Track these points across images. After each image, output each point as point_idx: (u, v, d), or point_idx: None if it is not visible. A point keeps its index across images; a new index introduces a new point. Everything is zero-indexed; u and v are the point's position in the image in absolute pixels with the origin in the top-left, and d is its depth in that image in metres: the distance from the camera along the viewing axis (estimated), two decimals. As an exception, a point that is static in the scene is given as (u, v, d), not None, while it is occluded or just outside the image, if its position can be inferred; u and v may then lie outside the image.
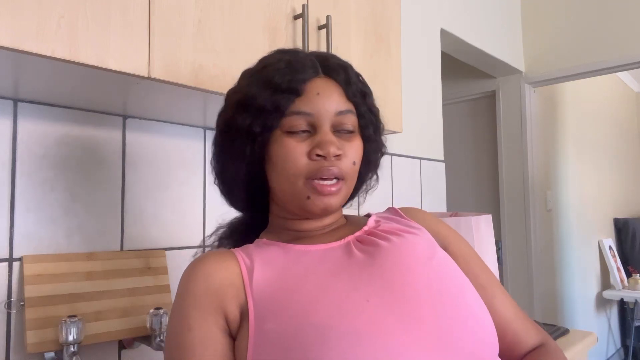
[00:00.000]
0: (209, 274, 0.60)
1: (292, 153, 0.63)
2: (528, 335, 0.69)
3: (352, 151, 0.66)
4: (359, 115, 0.69)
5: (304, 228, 0.69)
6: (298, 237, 0.69)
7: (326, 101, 0.65)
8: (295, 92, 0.64)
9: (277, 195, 0.69)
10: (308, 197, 0.63)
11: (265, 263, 0.62)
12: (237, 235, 0.78)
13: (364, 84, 0.71)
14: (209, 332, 0.57)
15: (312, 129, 0.64)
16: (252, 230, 0.76)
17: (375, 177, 0.78)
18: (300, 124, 0.64)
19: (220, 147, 0.70)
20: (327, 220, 0.70)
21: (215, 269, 0.61)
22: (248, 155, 0.66)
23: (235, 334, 0.59)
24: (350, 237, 0.67)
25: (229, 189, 0.72)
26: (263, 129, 0.64)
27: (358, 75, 0.71)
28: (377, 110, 0.74)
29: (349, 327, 0.53)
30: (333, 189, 0.64)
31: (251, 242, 0.71)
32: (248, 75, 0.70)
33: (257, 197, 0.72)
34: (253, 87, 0.66)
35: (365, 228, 0.69)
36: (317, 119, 0.64)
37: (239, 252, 0.65)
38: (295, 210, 0.67)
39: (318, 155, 0.63)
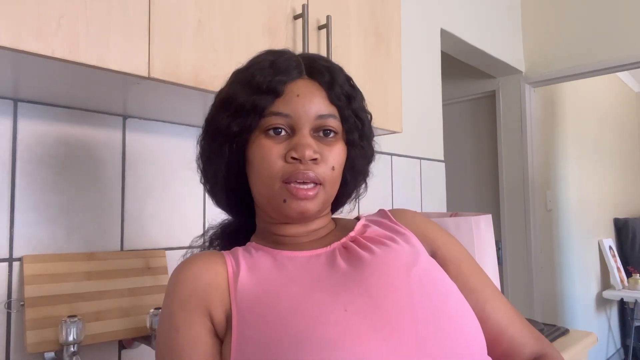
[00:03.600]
0: (195, 275, 0.60)
1: (268, 155, 0.62)
2: (525, 342, 0.66)
3: (332, 156, 0.64)
4: (343, 120, 0.66)
5: (288, 233, 0.68)
6: (285, 242, 0.67)
7: (306, 103, 0.63)
8: (274, 92, 0.63)
9: (257, 198, 0.68)
10: (284, 201, 0.62)
11: (251, 268, 0.62)
12: (227, 236, 0.77)
13: (353, 87, 0.69)
14: (196, 334, 0.57)
15: (292, 132, 0.63)
16: (243, 232, 0.75)
17: (364, 185, 0.75)
18: (279, 125, 0.62)
19: (202, 146, 0.70)
20: (313, 226, 0.68)
21: (203, 271, 0.60)
22: (227, 155, 0.65)
23: (222, 337, 0.59)
24: (337, 244, 0.66)
25: (212, 189, 0.72)
26: (241, 129, 0.63)
27: (348, 78, 0.69)
28: (367, 116, 0.72)
29: (325, 337, 0.52)
30: (310, 193, 0.62)
31: (242, 244, 0.70)
32: (233, 75, 0.69)
33: (238, 200, 0.71)
34: (235, 87, 0.66)
35: (352, 234, 0.68)
36: (295, 121, 0.63)
37: (228, 255, 0.64)
38: (273, 214, 0.66)
39: (293, 158, 0.61)
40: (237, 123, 0.63)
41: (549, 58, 2.72)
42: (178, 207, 1.17)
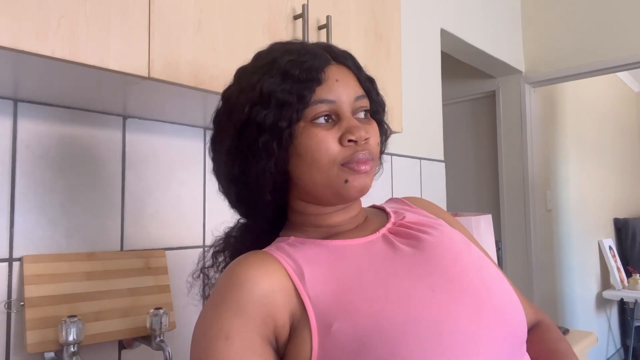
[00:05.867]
0: (253, 280, 0.57)
1: (323, 142, 0.61)
2: (526, 313, 0.72)
3: (373, 133, 0.66)
4: (370, 100, 0.69)
5: (333, 222, 0.68)
6: (328, 233, 0.67)
7: (346, 87, 0.64)
8: (316, 80, 0.62)
9: (305, 189, 0.66)
10: (346, 181, 0.62)
11: (311, 262, 0.60)
12: (233, 247, 0.75)
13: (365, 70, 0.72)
14: (250, 343, 0.54)
15: (335, 116, 0.63)
16: (255, 238, 0.73)
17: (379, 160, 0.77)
18: (325, 112, 0.63)
19: (236, 152, 0.65)
20: (353, 212, 0.69)
21: (260, 275, 0.57)
22: (276, 152, 0.62)
23: (283, 343, 0.57)
24: (384, 230, 0.67)
25: (254, 195, 0.66)
26: (289, 122, 0.62)
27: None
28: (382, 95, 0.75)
29: (426, 319, 0.54)
30: (367, 167, 0.63)
31: (255, 246, 0.67)
32: (251, 72, 0.66)
33: (280, 197, 0.69)
34: (267, 82, 0.63)
35: (393, 220, 0.70)
36: (339, 106, 0.63)
37: (277, 253, 0.62)
38: (329, 199, 0.65)
39: (350, 141, 0.62)
40: (284, 116, 0.61)
41: (549, 58, 2.72)
42: (178, 207, 1.17)
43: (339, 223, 0.68)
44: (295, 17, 1.04)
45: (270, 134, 0.62)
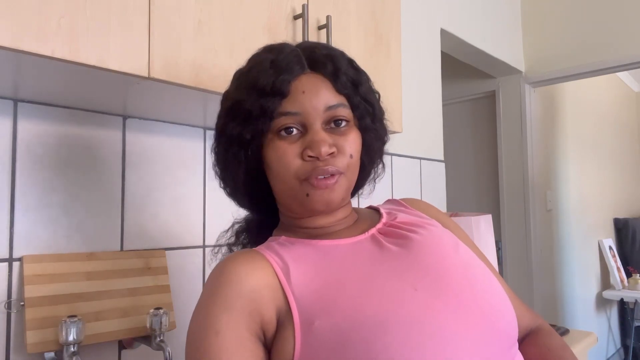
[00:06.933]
0: (241, 276, 0.58)
1: (284, 156, 0.62)
2: (523, 315, 0.72)
3: (348, 145, 0.64)
4: (353, 107, 0.66)
5: (316, 225, 0.68)
6: (316, 234, 0.68)
7: (313, 98, 0.63)
8: (280, 93, 0.62)
9: (279, 196, 0.69)
10: (307, 195, 0.62)
11: (298, 261, 0.61)
12: (253, 230, 0.78)
13: (357, 71, 0.68)
14: (239, 337, 0.55)
15: (303, 129, 0.63)
16: (266, 227, 0.76)
17: (381, 165, 0.77)
18: (290, 124, 0.62)
19: (217, 153, 0.70)
20: (339, 215, 0.69)
21: (248, 271, 0.58)
22: (244, 161, 0.66)
23: (270, 338, 0.57)
24: (373, 230, 0.68)
25: (233, 192, 0.72)
26: (254, 134, 0.63)
27: (351, 62, 0.68)
28: (375, 97, 0.71)
29: (406, 316, 0.54)
30: (330, 181, 0.62)
31: (270, 235, 0.71)
32: (236, 78, 0.69)
33: (260, 199, 0.72)
34: (240, 92, 0.65)
35: (384, 220, 0.70)
36: (305, 118, 0.62)
37: (265, 251, 0.63)
38: (298, 210, 0.67)
39: (310, 157, 0.61)
40: (248, 130, 0.63)
41: (549, 58, 2.72)
42: (178, 207, 1.17)
43: (324, 225, 0.68)
44: (295, 17, 1.04)
45: (238, 145, 0.65)
